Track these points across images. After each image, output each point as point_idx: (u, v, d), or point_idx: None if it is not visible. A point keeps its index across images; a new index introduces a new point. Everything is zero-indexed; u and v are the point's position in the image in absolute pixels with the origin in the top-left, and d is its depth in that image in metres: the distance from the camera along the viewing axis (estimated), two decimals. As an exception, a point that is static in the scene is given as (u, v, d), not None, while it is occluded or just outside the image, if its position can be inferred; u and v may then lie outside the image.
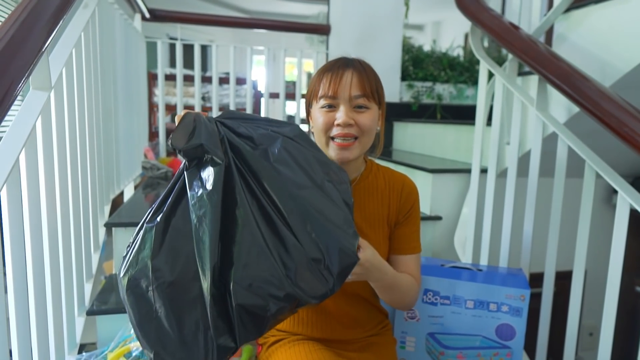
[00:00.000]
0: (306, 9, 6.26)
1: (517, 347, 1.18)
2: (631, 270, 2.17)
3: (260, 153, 0.76)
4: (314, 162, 0.79)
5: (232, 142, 0.75)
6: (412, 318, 1.23)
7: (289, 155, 0.77)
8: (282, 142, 0.78)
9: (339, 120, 0.91)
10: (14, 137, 0.82)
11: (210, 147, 0.71)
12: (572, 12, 1.52)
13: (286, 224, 0.72)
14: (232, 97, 2.59)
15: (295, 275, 0.70)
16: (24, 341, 0.83)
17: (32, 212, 0.87)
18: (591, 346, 2.25)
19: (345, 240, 0.75)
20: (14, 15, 0.82)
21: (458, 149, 2.08)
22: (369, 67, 0.96)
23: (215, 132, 0.74)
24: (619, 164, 1.32)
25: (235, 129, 0.77)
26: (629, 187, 1.09)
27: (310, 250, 0.72)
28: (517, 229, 1.46)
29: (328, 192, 0.77)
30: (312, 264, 0.72)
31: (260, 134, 0.78)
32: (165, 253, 0.70)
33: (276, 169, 0.75)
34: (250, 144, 0.77)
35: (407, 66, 2.91)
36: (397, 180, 1.04)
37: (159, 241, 0.71)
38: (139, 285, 0.70)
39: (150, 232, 0.71)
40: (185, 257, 0.70)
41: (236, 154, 0.75)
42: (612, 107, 1.07)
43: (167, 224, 0.72)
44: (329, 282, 0.73)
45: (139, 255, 0.71)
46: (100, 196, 1.49)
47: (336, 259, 0.73)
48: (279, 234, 0.72)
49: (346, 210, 0.79)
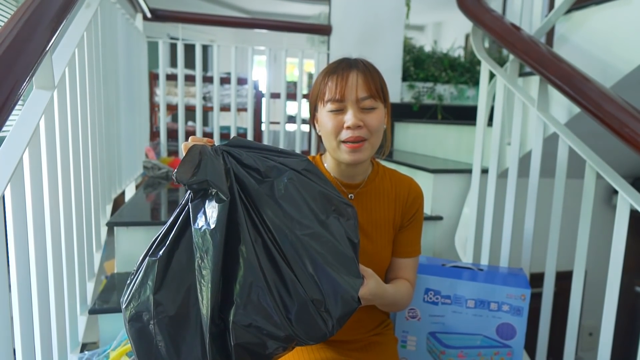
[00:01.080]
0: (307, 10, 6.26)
1: (518, 347, 1.19)
2: (631, 271, 2.17)
3: (266, 188, 0.75)
4: (320, 197, 0.78)
5: (238, 175, 0.74)
6: (413, 317, 1.23)
7: (295, 190, 0.76)
8: (289, 176, 0.77)
9: (348, 123, 0.90)
10: (17, 136, 0.82)
11: (215, 182, 0.70)
12: (573, 13, 1.53)
13: (288, 264, 0.72)
14: (234, 97, 2.60)
15: (295, 317, 0.70)
16: (27, 340, 0.83)
17: (35, 211, 0.88)
18: (591, 346, 2.25)
19: (347, 284, 0.74)
20: (18, 15, 0.83)
21: (459, 149, 2.09)
22: (372, 66, 0.96)
23: (221, 165, 0.73)
24: (619, 165, 1.33)
25: (242, 160, 0.76)
26: (629, 188, 1.09)
27: (312, 291, 0.72)
28: (517, 229, 1.46)
29: (332, 230, 0.77)
30: (313, 306, 0.71)
31: (268, 166, 0.77)
32: (167, 287, 0.70)
33: (281, 206, 0.74)
34: (256, 177, 0.75)
35: (408, 67, 2.92)
36: (403, 184, 1.04)
37: (161, 275, 0.70)
38: (141, 318, 0.70)
39: (153, 265, 0.71)
40: (186, 292, 0.70)
41: (242, 188, 0.74)
42: (613, 108, 1.08)
43: (169, 257, 0.71)
44: (329, 324, 0.72)
45: (141, 288, 0.71)
46: (102, 195, 1.49)
47: (337, 303, 0.73)
48: (280, 274, 0.71)
49: (350, 249, 0.78)
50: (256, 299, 0.68)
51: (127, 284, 0.74)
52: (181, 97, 2.55)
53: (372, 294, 0.83)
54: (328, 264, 0.74)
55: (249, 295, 0.68)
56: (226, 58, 2.65)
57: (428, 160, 2.11)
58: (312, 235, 0.74)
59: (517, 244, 1.47)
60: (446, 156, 2.19)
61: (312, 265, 0.73)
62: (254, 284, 0.69)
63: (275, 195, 0.75)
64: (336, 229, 0.77)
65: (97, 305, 1.26)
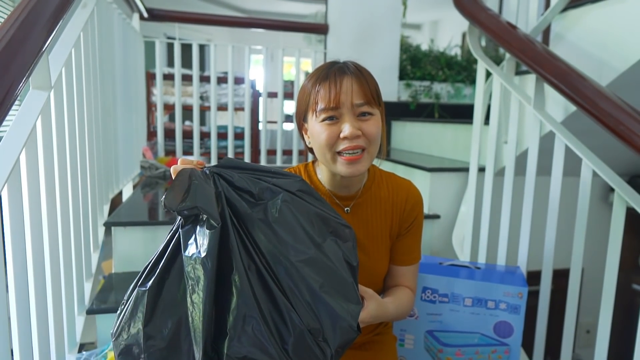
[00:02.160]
0: (304, 8, 6.25)
1: (515, 345, 1.19)
2: (628, 268, 2.18)
3: (260, 212, 0.72)
4: (315, 220, 0.75)
5: (229, 199, 0.71)
6: (411, 316, 1.23)
7: (290, 213, 0.72)
8: (283, 198, 0.73)
9: (345, 133, 0.83)
10: (14, 137, 0.82)
11: (206, 208, 0.66)
12: (569, 11, 1.53)
13: (284, 293, 0.69)
14: (231, 97, 2.59)
15: (292, 348, 0.67)
16: (24, 340, 0.83)
17: (32, 212, 0.87)
18: (588, 343, 2.26)
19: (345, 312, 0.71)
20: (14, 15, 0.82)
21: (456, 147, 2.09)
22: (365, 69, 0.90)
23: (211, 190, 0.69)
24: (615, 163, 1.33)
25: (233, 182, 0.73)
26: (625, 186, 1.10)
27: (309, 321, 0.68)
28: (514, 227, 1.46)
29: (329, 254, 0.73)
30: (310, 336, 0.68)
31: (260, 187, 0.73)
32: (158, 319, 0.68)
33: (275, 231, 0.71)
34: (249, 199, 0.72)
35: (405, 65, 2.92)
36: (401, 191, 0.99)
37: (151, 306, 0.67)
38: (131, 352, 0.68)
39: (143, 296, 0.68)
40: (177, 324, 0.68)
41: (234, 212, 0.70)
42: (609, 106, 1.08)
43: (160, 287, 0.68)
44: (327, 354, 0.69)
45: (131, 320, 0.68)
46: (99, 195, 1.49)
47: (335, 333, 0.70)
48: (276, 303, 0.68)
49: (348, 274, 0.74)
50: (250, 330, 0.65)
51: (117, 314, 0.71)
52: (178, 96, 2.55)
53: (372, 316, 0.81)
54: (325, 292, 0.70)
55: (243, 327, 0.65)
56: (223, 57, 2.65)
57: (425, 158, 2.11)
58: (307, 261, 0.71)
59: (514, 242, 1.48)
60: (443, 155, 2.19)
61: (309, 293, 0.69)
62: (247, 315, 0.65)
63: (268, 219, 0.71)
64: (333, 252, 0.74)
65: (94, 306, 1.25)
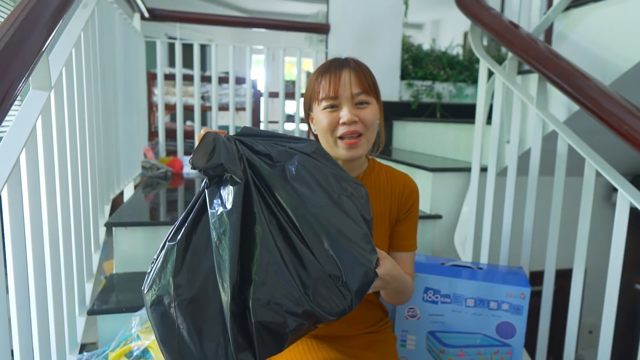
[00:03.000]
0: (305, 8, 6.25)
1: (518, 345, 1.19)
2: (631, 268, 2.17)
3: (278, 171, 0.77)
4: (331, 178, 0.80)
5: (250, 161, 0.76)
6: (412, 316, 1.23)
7: (306, 172, 0.78)
8: (299, 159, 0.79)
9: (343, 119, 0.93)
10: (14, 137, 0.82)
11: (230, 166, 0.72)
12: (572, 10, 1.52)
13: (304, 242, 0.73)
14: (232, 97, 2.59)
15: (313, 292, 0.71)
16: (25, 341, 0.83)
17: (32, 212, 0.87)
18: (591, 344, 2.25)
19: (363, 257, 0.76)
20: (14, 15, 0.82)
21: (458, 147, 2.09)
22: (363, 64, 0.99)
23: (234, 151, 0.75)
24: (618, 162, 1.33)
25: (253, 146, 0.78)
26: (628, 185, 1.09)
27: (328, 267, 0.73)
28: (517, 227, 1.46)
29: (345, 208, 0.78)
30: (330, 281, 0.72)
31: (278, 151, 0.79)
32: (187, 270, 0.72)
33: (293, 187, 0.76)
34: (268, 162, 0.78)
35: (406, 65, 2.91)
36: (398, 179, 1.06)
37: (180, 259, 0.72)
38: (162, 302, 0.72)
39: (172, 250, 0.73)
40: (205, 274, 0.72)
41: (254, 172, 0.76)
42: (612, 105, 1.08)
43: (188, 241, 0.73)
44: (347, 299, 0.74)
45: (161, 272, 0.73)
46: (100, 196, 1.49)
47: (355, 276, 0.74)
48: (296, 252, 0.73)
49: (364, 225, 0.79)
50: (274, 276, 0.70)
51: (148, 271, 0.76)
52: (179, 96, 2.55)
53: (389, 274, 0.85)
54: (343, 238, 0.75)
55: (266, 273, 0.70)
56: (224, 57, 2.65)
57: (427, 158, 2.11)
58: (325, 209, 0.76)
59: (516, 242, 1.47)
60: (445, 154, 2.18)
61: (328, 241, 0.74)
62: (270, 262, 0.70)
63: (287, 177, 0.76)
64: (349, 207, 0.78)
65: (95, 306, 1.25)
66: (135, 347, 1.08)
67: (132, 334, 1.12)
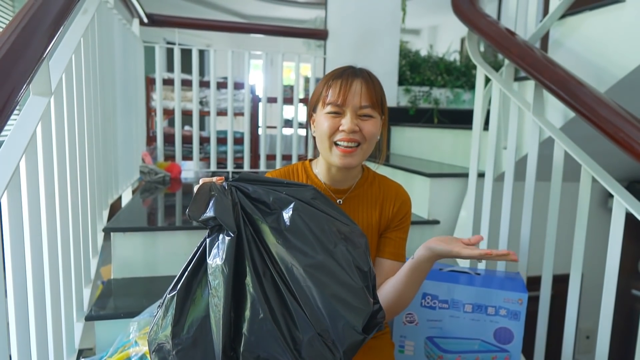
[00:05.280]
0: (303, 14, 6.28)
1: (515, 351, 1.19)
2: (627, 273, 2.18)
3: (273, 220, 0.78)
4: (326, 226, 0.79)
5: (245, 209, 0.77)
6: (410, 322, 1.23)
7: (302, 221, 0.77)
8: (295, 207, 0.78)
9: (344, 127, 0.93)
10: (14, 143, 0.82)
11: (223, 219, 0.74)
12: (568, 18, 1.54)
13: (295, 297, 0.74)
14: (230, 102, 2.60)
15: (303, 349, 0.72)
16: (23, 346, 0.83)
17: (32, 217, 0.87)
18: (588, 349, 2.25)
19: (352, 317, 0.74)
20: (15, 22, 0.83)
21: (455, 153, 2.10)
22: (375, 78, 0.99)
23: (229, 202, 0.76)
24: (614, 168, 1.34)
25: (249, 194, 0.79)
26: (624, 191, 1.10)
27: (318, 324, 0.73)
28: (514, 233, 1.46)
29: (340, 259, 0.77)
30: (320, 339, 0.72)
31: (274, 198, 0.79)
32: (184, 320, 0.75)
33: (287, 238, 0.76)
34: (264, 209, 0.79)
35: (404, 71, 2.93)
36: (391, 190, 1.07)
37: (179, 309, 0.75)
38: (162, 349, 0.75)
39: (172, 300, 0.75)
40: (201, 325, 0.74)
41: (250, 222, 0.77)
42: (608, 112, 1.09)
43: (187, 292, 0.76)
44: (336, 356, 0.73)
45: (162, 321, 0.76)
46: (99, 201, 1.49)
47: (342, 336, 0.73)
48: (287, 307, 0.73)
49: (357, 279, 0.77)
50: (263, 332, 0.71)
51: (154, 317, 0.79)
52: (178, 101, 2.55)
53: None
54: (332, 296, 0.74)
55: (256, 329, 0.71)
56: (223, 62, 2.65)
57: (424, 164, 2.12)
58: (316, 265, 0.75)
59: (513, 248, 1.47)
60: (442, 160, 2.19)
61: (320, 299, 0.73)
62: (261, 318, 0.71)
63: (281, 227, 0.77)
64: (344, 258, 0.77)
65: (93, 312, 1.25)
66: (133, 353, 1.07)
67: (130, 340, 1.11)
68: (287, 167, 1.07)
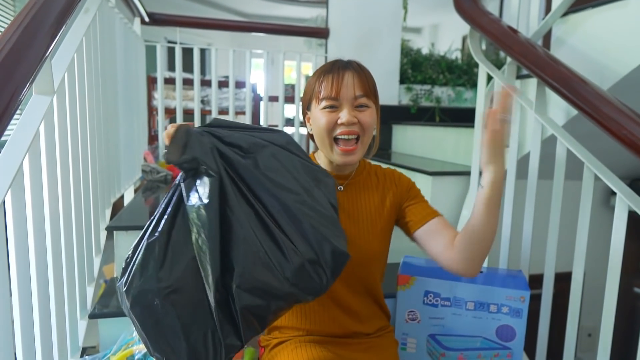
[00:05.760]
0: (305, 12, 6.27)
1: (517, 348, 1.19)
2: (630, 272, 2.18)
3: (250, 162, 0.79)
4: (301, 169, 0.83)
5: (222, 152, 0.78)
6: (412, 320, 1.23)
7: (279, 162, 0.81)
8: (271, 150, 0.81)
9: (342, 120, 0.94)
10: (18, 142, 0.82)
11: (204, 159, 0.74)
12: (570, 15, 1.54)
13: (280, 229, 0.77)
14: (232, 101, 2.60)
15: (293, 276, 0.75)
16: (27, 344, 0.83)
17: (35, 217, 0.88)
18: (590, 347, 2.25)
19: (335, 240, 0.79)
20: (17, 21, 0.83)
21: (457, 151, 2.09)
22: (365, 68, 1.00)
23: (206, 144, 0.76)
24: (617, 166, 1.33)
25: (224, 138, 0.80)
26: (627, 189, 1.10)
27: (305, 252, 0.76)
28: (516, 231, 1.46)
29: (316, 196, 0.82)
30: (308, 265, 0.76)
31: (250, 142, 0.81)
32: (169, 265, 0.73)
33: (267, 176, 0.79)
34: (239, 153, 0.79)
35: (405, 69, 2.93)
36: (387, 174, 1.10)
37: (162, 254, 0.73)
38: (145, 297, 0.72)
39: (153, 245, 0.74)
40: (187, 267, 0.74)
41: (227, 164, 0.78)
42: (611, 110, 1.08)
43: (168, 236, 0.75)
44: (323, 280, 0.78)
45: (142, 268, 0.73)
46: (101, 200, 1.49)
47: (329, 257, 0.78)
48: (274, 239, 0.76)
49: (332, 212, 0.83)
50: (254, 264, 0.73)
51: (124, 268, 0.76)
52: (179, 100, 2.55)
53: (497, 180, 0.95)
54: (317, 223, 0.78)
55: (247, 262, 0.73)
56: (224, 61, 2.65)
57: (426, 162, 2.11)
58: (298, 198, 0.79)
59: (516, 246, 1.48)
60: (444, 158, 2.19)
61: (303, 226, 0.77)
62: (250, 251, 0.73)
63: (260, 167, 0.79)
64: (319, 195, 0.83)
65: (97, 310, 1.25)
66: (137, 350, 1.08)
67: (134, 338, 1.12)
68: None
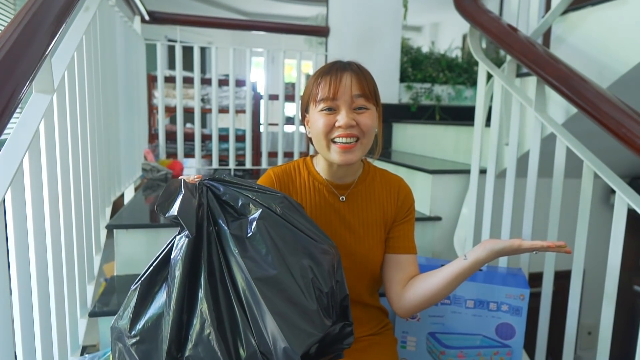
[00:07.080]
0: (305, 11, 6.26)
1: (517, 346, 1.19)
2: (629, 269, 2.18)
3: (236, 227, 0.76)
4: (291, 239, 0.76)
5: (212, 211, 0.77)
6: (412, 318, 1.24)
7: (265, 230, 0.75)
8: (261, 215, 0.76)
9: (340, 122, 0.91)
10: (17, 140, 0.82)
11: (184, 219, 0.73)
12: (570, 14, 1.53)
13: (243, 310, 0.72)
14: (232, 99, 2.60)
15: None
16: (27, 343, 0.84)
17: (35, 215, 0.88)
18: (590, 345, 2.26)
19: (294, 341, 0.70)
20: (17, 19, 0.83)
21: (457, 149, 2.09)
22: (365, 69, 0.97)
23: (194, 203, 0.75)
24: (616, 164, 1.33)
25: (220, 195, 0.79)
26: (626, 187, 1.10)
27: (261, 343, 0.70)
28: (516, 229, 1.46)
29: (297, 276, 0.74)
30: (260, 355, 0.70)
31: (243, 203, 0.78)
32: (142, 315, 0.74)
33: (246, 248, 0.74)
34: (232, 213, 0.78)
35: (405, 67, 2.92)
36: (393, 184, 1.06)
37: (139, 303, 0.75)
38: (121, 339, 0.75)
39: (134, 293, 0.75)
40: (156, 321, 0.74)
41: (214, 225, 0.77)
42: (610, 108, 1.08)
43: (148, 287, 0.76)
44: None
45: (124, 312, 0.76)
46: (101, 198, 1.49)
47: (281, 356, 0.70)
48: (235, 318, 0.72)
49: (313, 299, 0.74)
50: (208, 339, 0.70)
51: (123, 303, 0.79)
52: (179, 99, 2.55)
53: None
54: (278, 314, 0.70)
55: (201, 335, 0.70)
56: (224, 60, 2.66)
57: (426, 160, 2.12)
58: (267, 279, 0.72)
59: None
60: (444, 157, 2.19)
61: (264, 314, 0.70)
62: (207, 324, 0.70)
63: (243, 234, 0.75)
64: (303, 275, 0.74)
65: (97, 308, 1.26)
66: (137, 348, 1.08)
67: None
68: (289, 164, 1.06)
